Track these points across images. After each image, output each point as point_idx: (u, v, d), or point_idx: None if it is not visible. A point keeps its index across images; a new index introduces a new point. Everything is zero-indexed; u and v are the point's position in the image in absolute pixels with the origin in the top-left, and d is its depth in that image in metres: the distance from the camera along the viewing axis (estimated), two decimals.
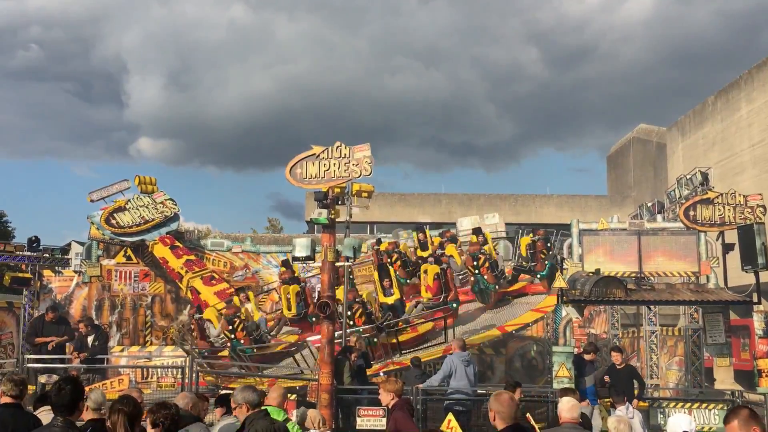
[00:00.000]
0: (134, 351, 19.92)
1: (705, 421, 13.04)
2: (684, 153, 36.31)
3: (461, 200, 43.18)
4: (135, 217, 21.18)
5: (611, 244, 17.92)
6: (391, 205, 42.52)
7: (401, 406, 7.79)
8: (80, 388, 5.37)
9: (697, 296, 17.10)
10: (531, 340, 20.70)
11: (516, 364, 20.59)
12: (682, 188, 20.72)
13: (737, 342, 22.09)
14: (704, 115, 34.73)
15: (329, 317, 12.29)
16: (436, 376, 12.97)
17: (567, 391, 10.23)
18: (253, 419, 6.21)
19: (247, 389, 6.76)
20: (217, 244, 22.91)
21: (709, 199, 17.93)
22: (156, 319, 21.70)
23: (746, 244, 16.69)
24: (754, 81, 30.66)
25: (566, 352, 15.96)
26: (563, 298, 15.41)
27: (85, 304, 21.68)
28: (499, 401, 5.24)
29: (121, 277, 21.72)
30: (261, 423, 6.13)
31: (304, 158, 12.14)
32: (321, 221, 12.20)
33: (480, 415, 13.57)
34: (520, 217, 36.07)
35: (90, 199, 21.40)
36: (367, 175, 12.11)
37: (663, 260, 17.76)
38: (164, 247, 20.81)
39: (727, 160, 31.79)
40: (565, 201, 43.52)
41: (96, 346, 15.45)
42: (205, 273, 20.07)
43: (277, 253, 22.92)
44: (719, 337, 17.78)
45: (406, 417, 7.77)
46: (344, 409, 12.74)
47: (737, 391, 14.24)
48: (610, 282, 16.15)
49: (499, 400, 5.25)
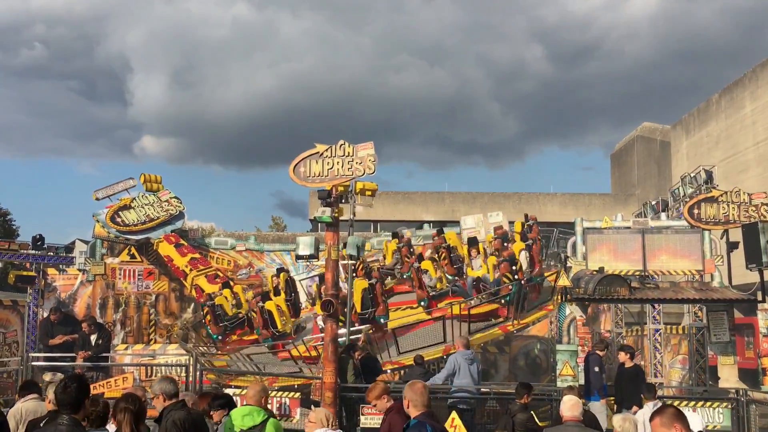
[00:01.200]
0: (138, 349, 19.93)
1: (709, 419, 13.02)
2: (688, 151, 36.25)
3: (465, 198, 43.15)
4: (140, 215, 21.22)
5: (615, 243, 17.90)
6: (394, 204, 42.52)
7: (399, 408, 7.60)
8: (86, 386, 5.35)
9: (701, 294, 17.09)
10: (535, 339, 20.68)
11: (520, 363, 20.58)
12: (687, 186, 20.69)
13: (741, 340, 22.05)
14: (708, 113, 34.67)
15: (332, 315, 12.29)
16: (439, 375, 12.97)
17: (569, 389, 10.25)
18: (171, 410, 6.12)
19: (165, 380, 6.69)
20: (221, 243, 22.94)
21: (714, 198, 17.91)
22: (160, 318, 21.72)
23: (750, 243, 16.67)
24: (758, 79, 30.59)
25: (570, 351, 15.97)
26: (567, 297, 15.39)
27: (89, 302, 21.72)
28: (413, 390, 5.64)
29: (125, 276, 21.75)
30: (178, 413, 6.04)
31: (308, 156, 12.14)
32: (324, 219, 12.18)
33: (484, 414, 13.56)
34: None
35: (95, 197, 21.44)
36: (370, 174, 12.10)
37: (667, 258, 17.74)
38: (169, 245, 20.84)
39: (731, 158, 31.74)
40: (569, 199, 43.47)
41: (100, 344, 15.50)
42: (210, 271, 20.09)
43: (281, 251, 22.95)
44: (723, 335, 17.76)
45: (401, 421, 7.49)
46: (348, 408, 12.75)
47: (741, 389, 14.20)
48: (614, 280, 16.15)
49: (413, 389, 5.64)
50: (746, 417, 12.85)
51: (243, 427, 6.09)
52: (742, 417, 12.85)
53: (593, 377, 12.81)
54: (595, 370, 12.83)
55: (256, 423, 6.15)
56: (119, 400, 5.34)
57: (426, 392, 5.67)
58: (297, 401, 12.85)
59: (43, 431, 5.14)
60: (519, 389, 9.92)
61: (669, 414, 4.55)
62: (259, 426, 6.16)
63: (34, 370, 13.90)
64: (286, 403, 12.88)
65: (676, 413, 4.56)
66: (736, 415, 13.00)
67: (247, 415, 6.15)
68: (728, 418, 13.15)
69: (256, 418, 6.16)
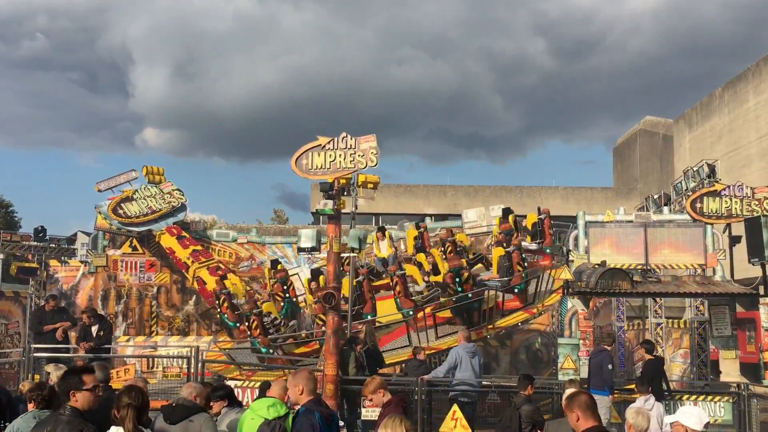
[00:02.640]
0: (140, 341, 19.99)
1: (711, 413, 13.02)
2: (691, 145, 36.17)
3: (467, 192, 43.12)
4: (142, 207, 21.21)
5: (617, 236, 17.90)
6: (396, 197, 42.50)
7: (396, 403, 7.51)
8: (75, 379, 5.36)
9: (703, 288, 17.09)
10: (536, 332, 20.67)
11: (521, 356, 20.59)
12: (689, 180, 20.67)
13: (743, 334, 22.00)
14: (711, 108, 34.58)
15: (334, 308, 12.28)
16: (441, 368, 12.95)
17: (571, 382, 10.24)
18: None
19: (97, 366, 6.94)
20: (223, 235, 22.95)
21: (716, 192, 17.90)
22: (161, 310, 21.77)
23: (753, 237, 16.66)
24: (762, 73, 30.49)
25: (572, 344, 15.96)
26: (569, 290, 15.38)
27: (91, 294, 21.76)
28: (301, 377, 5.97)
29: (127, 268, 21.78)
30: None
31: (310, 149, 12.09)
32: (326, 212, 12.16)
33: (485, 407, 13.56)
34: (526, 209, 35.97)
35: (98, 188, 21.42)
36: (372, 167, 12.06)
37: (669, 252, 17.74)
38: (171, 238, 20.84)
39: (734, 152, 31.67)
40: (571, 193, 43.43)
41: (101, 336, 15.49)
42: (211, 263, 20.10)
43: (282, 244, 22.97)
44: (725, 329, 17.78)
45: None
46: (349, 400, 12.76)
47: (743, 383, 14.19)
48: (616, 274, 16.15)
49: (301, 376, 5.98)
50: (747, 411, 12.84)
51: (268, 417, 6.17)
52: (743, 411, 12.85)
53: (607, 374, 12.70)
54: (609, 367, 12.75)
55: (280, 414, 6.24)
56: (121, 393, 5.31)
57: (313, 378, 6.00)
58: None
59: (45, 422, 5.16)
60: (522, 381, 9.90)
61: (575, 400, 4.99)
62: (283, 417, 6.26)
63: (36, 362, 13.88)
64: None
65: (584, 402, 4.96)
66: (737, 409, 13.00)
67: (272, 406, 6.28)
68: (729, 412, 13.15)
69: (279, 410, 6.27)
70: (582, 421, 4.87)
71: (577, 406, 4.92)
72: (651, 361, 13.32)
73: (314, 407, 5.79)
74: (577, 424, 4.89)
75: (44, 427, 5.02)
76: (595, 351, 13.45)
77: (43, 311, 15.12)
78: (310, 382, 5.93)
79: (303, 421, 5.67)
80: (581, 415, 4.88)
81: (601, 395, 12.06)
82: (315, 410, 5.76)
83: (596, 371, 12.75)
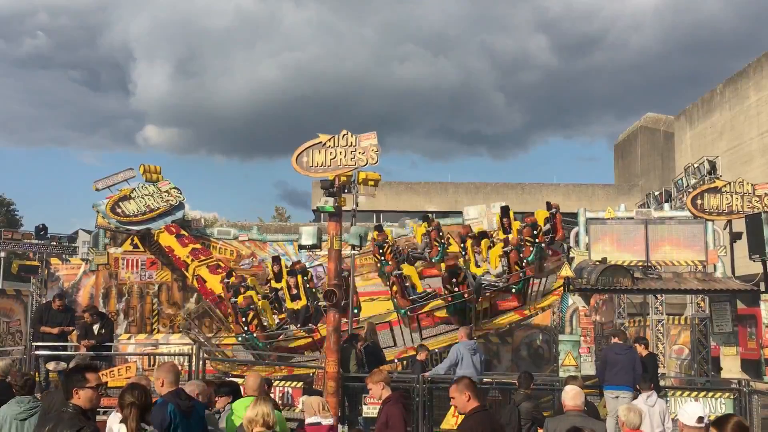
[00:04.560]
0: (141, 339, 20.00)
1: (712, 409, 13.01)
2: (692, 142, 36.15)
3: (468, 189, 43.12)
4: (140, 205, 21.22)
5: (618, 233, 17.87)
6: (397, 194, 42.51)
7: (396, 399, 7.42)
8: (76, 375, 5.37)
9: (704, 285, 17.09)
10: (537, 329, 20.68)
11: (522, 353, 20.59)
12: (690, 177, 20.66)
13: (744, 331, 22.03)
14: (712, 104, 34.55)
15: (335, 305, 12.29)
16: (442, 365, 12.96)
17: (571, 379, 10.23)
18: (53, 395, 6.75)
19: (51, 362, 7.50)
20: (224, 233, 22.95)
21: (717, 188, 17.89)
22: (163, 307, 21.78)
23: (754, 233, 16.68)
24: (763, 69, 30.47)
25: (572, 341, 15.97)
26: (570, 287, 15.38)
27: (92, 292, 21.77)
28: (164, 369, 6.07)
29: (128, 266, 21.79)
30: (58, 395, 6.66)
31: (311, 146, 12.10)
32: (327, 209, 12.15)
33: (486, 404, 13.56)
34: (528, 206, 35.95)
35: (95, 187, 21.45)
36: (373, 164, 12.05)
37: (670, 249, 17.71)
38: (170, 236, 20.82)
39: (735, 149, 31.65)
40: (572, 190, 43.43)
41: (103, 333, 15.51)
42: (211, 261, 20.08)
43: (283, 241, 22.95)
44: (726, 326, 17.79)
45: (398, 412, 7.23)
46: (350, 398, 12.77)
47: (744, 380, 14.19)
48: (617, 271, 16.16)
49: (164, 368, 6.08)
50: (748, 407, 12.84)
51: None
52: (744, 407, 12.85)
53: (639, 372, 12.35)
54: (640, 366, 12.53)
55: None
56: (125, 392, 5.29)
57: (174, 370, 6.09)
58: (299, 390, 12.87)
59: (48, 419, 5.18)
60: (523, 379, 9.91)
61: (463, 383, 5.97)
62: None
63: (38, 360, 13.90)
64: (288, 392, 12.91)
65: (469, 383, 5.99)
66: (738, 405, 12.99)
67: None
68: (730, 409, 13.13)
69: None
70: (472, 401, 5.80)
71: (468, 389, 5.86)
72: (648, 356, 13.29)
73: (170, 399, 5.77)
74: (467, 404, 5.79)
75: (46, 425, 5.03)
76: (622, 347, 12.79)
77: (49, 309, 15.12)
78: (170, 374, 5.98)
79: (155, 413, 5.61)
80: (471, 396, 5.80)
81: (627, 392, 11.95)
82: (170, 402, 5.73)
83: (628, 368, 12.30)
